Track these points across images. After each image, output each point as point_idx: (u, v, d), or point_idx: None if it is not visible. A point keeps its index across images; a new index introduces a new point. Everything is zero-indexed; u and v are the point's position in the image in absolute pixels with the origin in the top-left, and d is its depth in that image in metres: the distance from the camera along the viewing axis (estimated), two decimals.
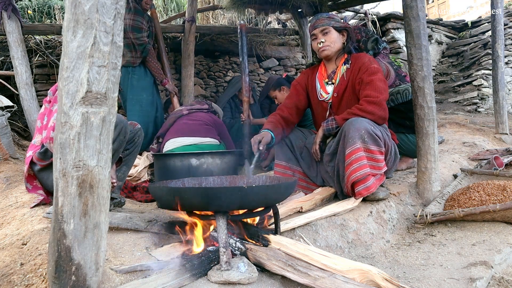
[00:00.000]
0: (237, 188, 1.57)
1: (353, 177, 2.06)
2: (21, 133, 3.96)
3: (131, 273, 1.42)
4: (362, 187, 2.08)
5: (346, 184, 2.12)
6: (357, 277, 1.35)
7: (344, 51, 2.42)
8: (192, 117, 3.40)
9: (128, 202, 2.50)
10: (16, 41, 3.57)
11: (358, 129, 2.04)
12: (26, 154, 2.10)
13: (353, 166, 2.05)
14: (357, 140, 2.03)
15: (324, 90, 2.46)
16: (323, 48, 2.36)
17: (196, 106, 3.55)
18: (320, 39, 2.35)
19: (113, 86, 1.17)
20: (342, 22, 2.40)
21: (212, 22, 6.41)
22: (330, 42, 2.35)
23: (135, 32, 3.63)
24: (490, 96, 5.84)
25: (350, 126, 2.08)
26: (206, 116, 3.44)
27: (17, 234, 1.73)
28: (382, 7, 7.08)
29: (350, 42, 2.42)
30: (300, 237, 1.87)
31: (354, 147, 2.04)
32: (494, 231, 2.05)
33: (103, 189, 1.18)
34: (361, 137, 2.04)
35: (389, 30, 6.62)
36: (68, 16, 1.12)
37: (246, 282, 1.39)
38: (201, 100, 3.78)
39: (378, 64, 2.33)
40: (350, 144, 2.05)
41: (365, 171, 2.05)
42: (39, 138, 2.05)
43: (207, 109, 3.57)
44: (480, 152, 3.62)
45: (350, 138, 2.05)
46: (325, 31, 2.35)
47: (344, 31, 2.40)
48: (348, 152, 2.07)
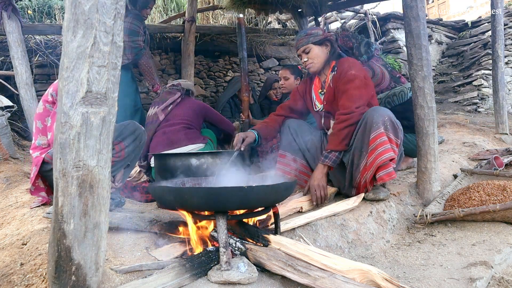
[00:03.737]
0: (237, 188, 1.57)
1: (379, 160, 2.07)
2: (21, 133, 3.96)
3: (131, 273, 1.42)
4: (384, 173, 2.09)
5: (366, 172, 2.12)
6: (357, 277, 1.35)
7: (331, 59, 2.45)
8: (170, 122, 3.20)
9: (128, 202, 2.50)
10: (16, 41, 3.57)
11: (382, 115, 2.11)
12: (32, 155, 2.09)
13: (379, 150, 2.07)
14: (381, 126, 2.09)
15: (318, 100, 2.53)
16: (308, 66, 2.44)
17: (169, 100, 3.31)
18: (303, 59, 2.43)
19: (113, 86, 1.17)
20: (322, 33, 2.42)
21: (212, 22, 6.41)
22: (313, 59, 2.41)
23: (131, 36, 3.63)
24: (490, 96, 5.84)
25: (373, 112, 2.13)
26: (184, 112, 3.25)
27: (17, 234, 1.73)
28: (382, 7, 7.09)
29: (333, 50, 2.45)
30: (300, 237, 1.87)
31: (379, 132, 2.08)
32: (494, 231, 2.05)
33: (103, 189, 1.18)
34: (384, 123, 2.10)
35: (389, 30, 6.62)
36: (68, 16, 1.12)
37: (246, 282, 1.39)
38: (171, 89, 3.44)
39: (360, 68, 2.35)
40: (374, 129, 2.09)
41: (390, 154, 2.07)
42: (44, 139, 2.05)
43: (180, 97, 3.35)
44: (480, 152, 3.61)
45: (375, 123, 2.09)
46: (306, 50, 2.41)
47: (325, 42, 2.42)
48: (372, 137, 2.09)
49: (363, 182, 2.18)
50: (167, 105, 3.30)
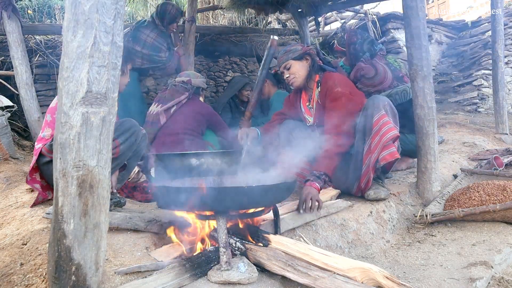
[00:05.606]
0: (237, 188, 1.57)
1: (385, 139, 2.09)
2: (21, 133, 3.96)
3: (131, 273, 1.42)
4: (387, 152, 2.10)
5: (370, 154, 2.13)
6: (358, 276, 1.35)
7: (312, 72, 2.48)
8: (170, 129, 3.06)
9: (128, 202, 2.50)
10: (16, 41, 3.57)
11: (382, 100, 2.20)
12: (35, 146, 2.11)
13: (383, 129, 2.11)
14: (382, 109, 2.16)
15: (308, 114, 2.57)
16: (290, 82, 2.49)
17: (174, 101, 3.16)
18: (286, 75, 2.49)
19: (113, 86, 1.17)
20: (301, 48, 2.46)
21: (212, 22, 6.42)
22: (294, 74, 2.46)
23: (152, 51, 3.75)
24: (490, 96, 5.84)
25: (374, 98, 2.22)
26: (186, 119, 3.10)
27: (17, 234, 1.73)
28: (382, 7, 7.07)
29: (313, 63, 2.48)
30: (300, 237, 1.87)
31: (381, 113, 2.14)
32: (494, 231, 2.05)
33: (103, 189, 1.18)
34: (385, 107, 2.18)
35: (389, 30, 6.61)
36: (68, 16, 1.12)
37: (246, 282, 1.39)
38: (179, 87, 3.25)
39: (345, 83, 2.38)
40: (376, 112, 2.15)
41: (394, 132, 2.11)
42: (49, 132, 2.06)
43: (187, 97, 3.20)
44: (480, 152, 3.61)
45: (376, 106, 2.16)
46: (287, 66, 2.46)
47: (305, 56, 2.45)
48: (376, 119, 2.13)
49: (365, 169, 2.18)
50: (171, 106, 3.15)
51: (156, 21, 3.81)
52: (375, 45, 3.12)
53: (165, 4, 3.91)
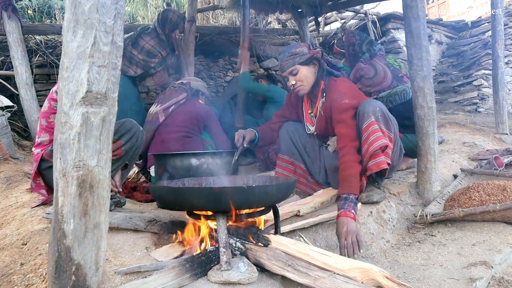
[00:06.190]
0: (237, 188, 1.57)
1: (371, 148, 1.98)
2: (21, 133, 3.96)
3: (131, 273, 1.42)
4: (373, 163, 2.00)
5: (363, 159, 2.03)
6: (358, 276, 1.35)
7: (320, 79, 2.29)
8: (169, 128, 3.07)
9: (128, 202, 2.50)
10: (16, 41, 3.57)
11: (373, 106, 2.08)
12: (34, 151, 2.11)
13: (370, 138, 2.01)
14: (371, 115, 2.05)
15: (309, 122, 2.44)
16: (297, 89, 2.26)
17: (172, 101, 3.18)
18: (291, 82, 2.25)
19: (113, 86, 1.17)
20: (308, 52, 2.23)
21: (212, 22, 6.42)
22: (302, 81, 2.24)
23: (148, 57, 3.70)
24: (490, 96, 5.84)
25: (365, 104, 2.10)
26: (183, 118, 3.11)
27: (17, 234, 1.73)
28: (382, 7, 7.07)
29: (321, 68, 2.28)
30: (300, 237, 1.87)
31: (370, 121, 2.04)
32: (494, 231, 2.05)
33: (103, 189, 1.18)
34: (375, 113, 2.06)
35: (389, 30, 6.62)
36: (68, 16, 1.12)
37: (246, 282, 1.39)
38: (178, 87, 3.31)
39: (351, 94, 2.21)
40: (365, 119, 2.05)
41: (382, 141, 1.99)
42: (47, 137, 2.06)
43: (185, 97, 3.22)
44: (480, 152, 3.62)
45: (366, 113, 2.06)
46: (294, 72, 2.22)
47: (313, 60, 2.24)
48: (364, 127, 2.04)
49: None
50: (170, 105, 3.19)
51: (158, 30, 3.75)
52: (374, 45, 3.12)
53: (166, 11, 3.87)
